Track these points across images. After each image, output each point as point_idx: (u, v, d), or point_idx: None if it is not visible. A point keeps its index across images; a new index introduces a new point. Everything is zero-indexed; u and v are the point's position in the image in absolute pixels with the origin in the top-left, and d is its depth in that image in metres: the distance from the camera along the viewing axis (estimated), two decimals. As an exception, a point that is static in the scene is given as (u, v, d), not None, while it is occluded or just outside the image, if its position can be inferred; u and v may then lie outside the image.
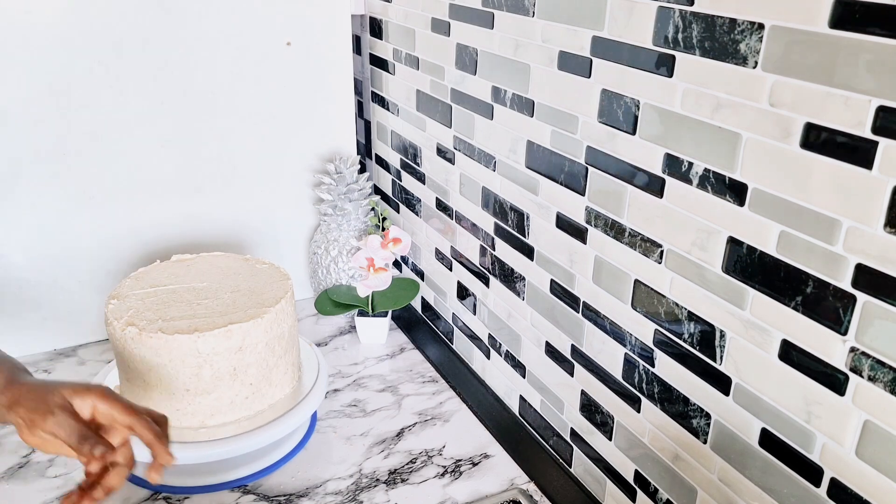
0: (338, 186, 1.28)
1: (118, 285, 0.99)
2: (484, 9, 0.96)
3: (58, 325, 1.24)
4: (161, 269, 1.03)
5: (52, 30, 1.09)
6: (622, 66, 0.75)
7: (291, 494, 0.95)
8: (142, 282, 1.00)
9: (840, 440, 0.59)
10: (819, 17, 0.54)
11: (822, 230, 0.57)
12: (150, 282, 1.00)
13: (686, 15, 0.66)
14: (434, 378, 1.20)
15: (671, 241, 0.73)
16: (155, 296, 0.97)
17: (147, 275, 1.02)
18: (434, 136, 1.16)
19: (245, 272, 1.03)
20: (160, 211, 1.26)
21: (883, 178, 0.52)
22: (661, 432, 0.79)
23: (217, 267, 1.04)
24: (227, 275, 1.02)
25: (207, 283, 0.99)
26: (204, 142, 1.25)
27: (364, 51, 1.36)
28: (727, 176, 0.65)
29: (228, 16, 1.19)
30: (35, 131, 1.13)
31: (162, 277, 1.01)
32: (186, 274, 1.02)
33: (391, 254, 1.22)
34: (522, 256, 0.99)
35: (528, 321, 1.00)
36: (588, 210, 0.84)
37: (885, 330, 0.54)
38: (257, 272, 1.03)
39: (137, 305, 0.94)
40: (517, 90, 0.93)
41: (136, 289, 0.98)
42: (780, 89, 0.58)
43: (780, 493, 0.66)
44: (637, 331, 0.80)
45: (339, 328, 1.34)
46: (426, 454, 1.03)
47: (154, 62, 1.17)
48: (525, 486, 0.98)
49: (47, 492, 0.95)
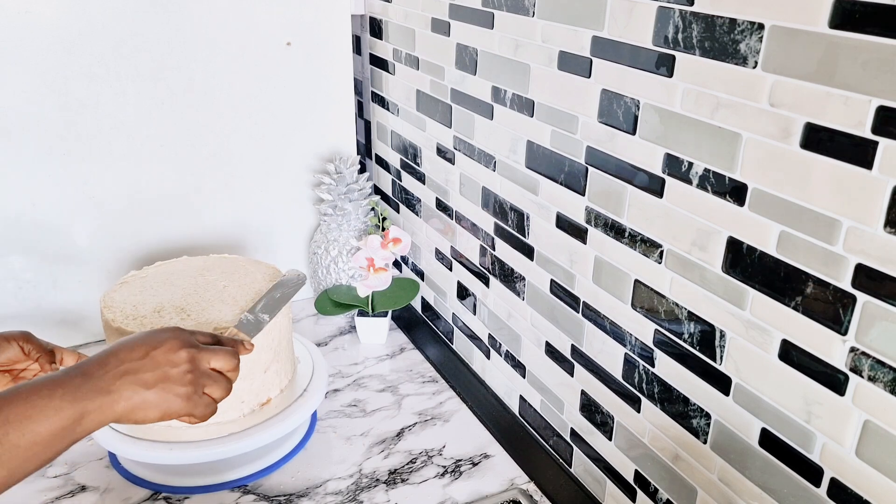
0: (338, 186, 1.28)
1: (112, 288, 0.98)
2: (484, 9, 0.96)
3: (58, 325, 1.24)
4: (158, 271, 1.03)
5: (52, 30, 1.09)
6: (622, 66, 0.75)
7: (291, 494, 0.95)
8: (139, 283, 1.00)
9: (840, 440, 0.59)
10: (819, 17, 0.54)
11: (822, 230, 0.57)
12: (149, 282, 1.00)
13: (686, 15, 0.66)
14: (434, 378, 1.20)
15: (671, 241, 0.73)
16: (153, 296, 0.96)
17: (145, 276, 1.02)
18: (434, 136, 1.16)
19: (244, 273, 1.02)
20: (160, 211, 1.26)
21: (883, 178, 0.52)
22: (661, 432, 0.79)
23: (215, 268, 1.04)
24: (225, 275, 1.02)
25: (203, 285, 0.99)
26: (204, 142, 1.25)
27: (364, 51, 1.36)
28: (727, 176, 0.65)
29: (228, 16, 1.19)
30: (35, 131, 1.13)
31: (159, 279, 1.01)
32: (183, 275, 1.02)
33: (391, 254, 1.22)
34: (522, 256, 0.99)
35: (528, 321, 1.00)
36: (588, 210, 0.84)
37: (885, 330, 0.54)
38: (256, 273, 1.03)
39: (135, 306, 0.94)
40: (517, 90, 0.93)
41: (130, 290, 0.98)
42: (780, 89, 0.58)
43: (780, 493, 0.66)
44: (637, 331, 0.80)
45: (339, 328, 1.34)
46: (426, 454, 1.03)
47: (154, 62, 1.17)
48: (525, 486, 0.98)
49: (47, 492, 0.95)
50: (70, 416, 0.61)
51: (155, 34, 1.15)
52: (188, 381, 0.68)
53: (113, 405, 0.64)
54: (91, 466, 0.99)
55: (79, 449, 1.01)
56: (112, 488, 0.95)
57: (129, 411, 0.65)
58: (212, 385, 0.71)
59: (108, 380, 0.64)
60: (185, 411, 0.69)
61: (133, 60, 1.15)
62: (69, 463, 0.99)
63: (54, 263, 1.21)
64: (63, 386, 0.62)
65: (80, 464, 0.99)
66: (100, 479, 0.97)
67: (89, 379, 0.64)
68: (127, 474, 0.97)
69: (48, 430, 0.60)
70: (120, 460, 0.98)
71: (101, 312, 0.93)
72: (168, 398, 0.67)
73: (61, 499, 0.94)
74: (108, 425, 0.74)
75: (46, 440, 0.60)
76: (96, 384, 0.64)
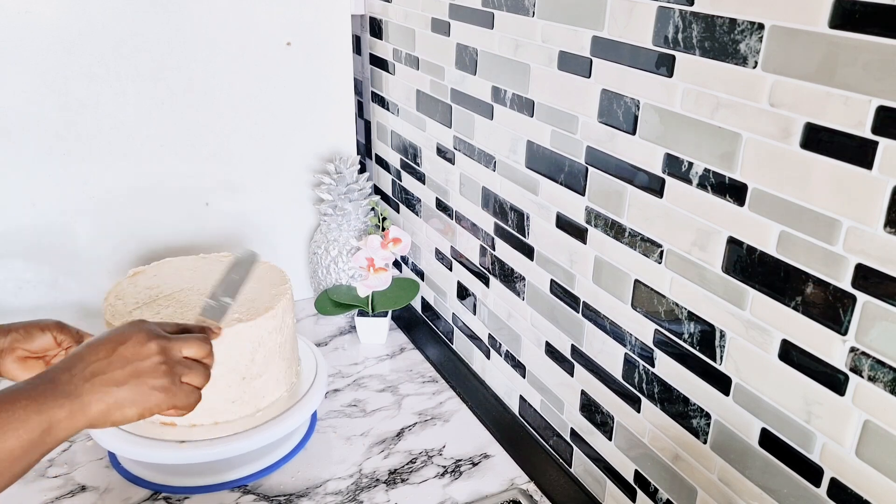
0: (338, 186, 1.28)
1: (114, 286, 0.98)
2: (484, 9, 0.96)
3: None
4: (158, 271, 1.03)
5: (52, 30, 1.09)
6: (622, 66, 0.75)
7: (291, 494, 0.95)
8: (139, 283, 1.00)
9: (840, 440, 0.59)
10: (819, 17, 0.54)
11: (822, 230, 0.57)
12: (148, 283, 1.00)
13: (686, 15, 0.66)
14: (434, 378, 1.20)
15: (671, 241, 0.73)
16: (151, 298, 0.96)
17: (144, 276, 1.02)
18: (434, 136, 1.16)
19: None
20: (160, 211, 1.26)
21: (883, 178, 0.52)
22: (661, 432, 0.79)
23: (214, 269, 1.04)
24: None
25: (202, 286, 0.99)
26: (204, 142, 1.25)
27: (364, 51, 1.36)
28: (727, 176, 0.65)
29: (228, 16, 1.19)
30: (35, 131, 1.13)
31: (158, 279, 1.01)
32: (181, 277, 1.02)
33: (391, 254, 1.22)
34: (522, 256, 0.99)
35: (528, 321, 1.00)
36: (588, 210, 0.84)
37: (885, 330, 0.54)
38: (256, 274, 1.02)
39: (133, 306, 0.94)
40: (517, 90, 0.93)
41: (132, 289, 0.98)
42: (780, 89, 0.58)
43: (780, 493, 0.66)
44: (637, 331, 0.80)
45: (339, 328, 1.34)
46: (426, 454, 1.03)
47: (154, 62, 1.17)
48: (525, 486, 0.98)
49: (47, 492, 0.95)
50: (37, 427, 0.58)
51: (155, 34, 1.15)
52: (163, 371, 0.65)
53: (84, 410, 0.61)
54: (91, 466, 0.99)
55: (79, 449, 1.01)
56: (112, 488, 0.95)
57: (104, 414, 0.62)
58: (189, 373, 0.68)
59: (75, 384, 0.61)
60: (167, 404, 0.66)
61: (133, 60, 1.15)
62: (69, 463, 0.99)
63: (54, 263, 1.21)
64: (28, 396, 0.59)
65: (80, 464, 0.99)
66: (100, 479, 0.97)
67: (56, 386, 0.61)
68: (127, 474, 0.97)
69: (15, 443, 0.57)
70: (120, 460, 0.98)
71: (104, 311, 0.93)
72: (144, 392, 0.64)
73: (61, 499, 0.94)
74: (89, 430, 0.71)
75: (15, 454, 0.57)
76: (63, 390, 0.61)
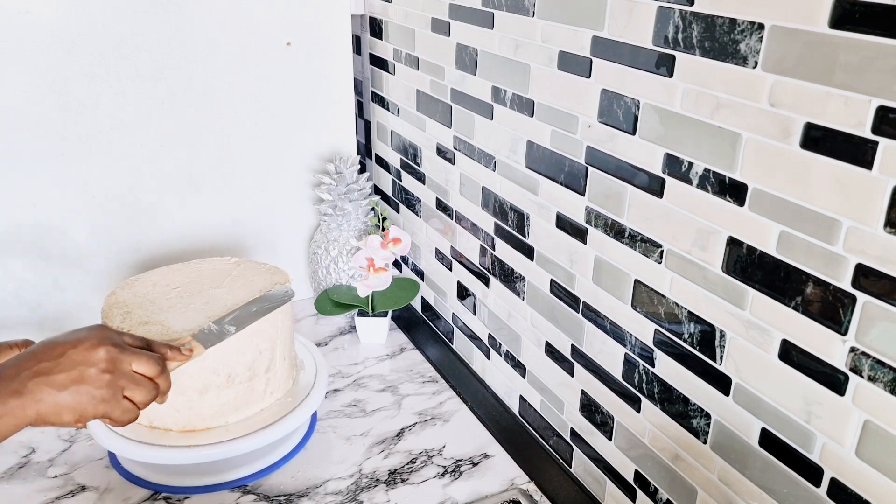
0: (338, 186, 1.28)
1: (114, 290, 0.98)
2: (484, 9, 0.96)
3: (58, 325, 1.24)
4: (158, 274, 1.03)
5: (52, 30, 1.09)
6: (622, 66, 0.75)
7: (291, 494, 0.95)
8: (139, 285, 1.00)
9: (840, 440, 0.59)
10: (819, 17, 0.54)
11: (822, 230, 0.57)
12: (148, 284, 1.00)
13: (686, 15, 0.66)
14: (434, 378, 1.20)
15: (671, 241, 0.73)
16: (151, 299, 0.96)
17: (145, 278, 1.01)
18: (434, 136, 1.16)
19: (243, 274, 1.02)
20: (160, 211, 1.26)
21: (883, 178, 0.52)
22: (661, 432, 0.79)
23: (214, 270, 1.04)
24: (225, 277, 1.01)
25: (201, 287, 0.99)
26: (204, 142, 1.25)
27: (364, 51, 1.36)
28: (727, 176, 0.65)
29: (228, 16, 1.19)
30: (35, 131, 1.13)
31: (159, 281, 1.01)
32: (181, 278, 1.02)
33: (391, 254, 1.22)
34: (522, 256, 0.99)
35: (528, 321, 1.00)
36: (588, 210, 0.84)
37: (885, 330, 0.54)
38: (256, 274, 1.02)
39: (132, 307, 0.94)
40: (517, 90, 0.93)
41: (132, 292, 0.98)
42: (780, 89, 0.58)
43: (780, 493, 0.66)
44: (637, 331, 0.80)
45: (339, 328, 1.34)
46: (426, 454, 1.03)
47: (154, 62, 1.17)
48: (525, 486, 0.98)
49: (47, 492, 0.95)
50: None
51: (155, 34, 1.15)
52: (105, 381, 0.65)
53: (25, 408, 0.61)
54: (91, 466, 0.99)
55: (79, 449, 1.01)
56: (112, 488, 0.95)
57: (42, 415, 0.62)
58: (133, 388, 0.67)
59: (20, 381, 0.61)
60: (100, 412, 0.65)
61: (133, 60, 1.15)
62: (69, 463, 0.99)
63: (54, 264, 1.21)
64: None
65: (80, 464, 0.99)
66: (100, 479, 0.97)
67: (2, 381, 0.61)
68: (127, 474, 0.97)
69: None
70: (120, 460, 0.98)
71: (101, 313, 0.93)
72: (82, 400, 0.64)
73: (61, 499, 0.94)
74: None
75: None
76: (9, 386, 0.61)
